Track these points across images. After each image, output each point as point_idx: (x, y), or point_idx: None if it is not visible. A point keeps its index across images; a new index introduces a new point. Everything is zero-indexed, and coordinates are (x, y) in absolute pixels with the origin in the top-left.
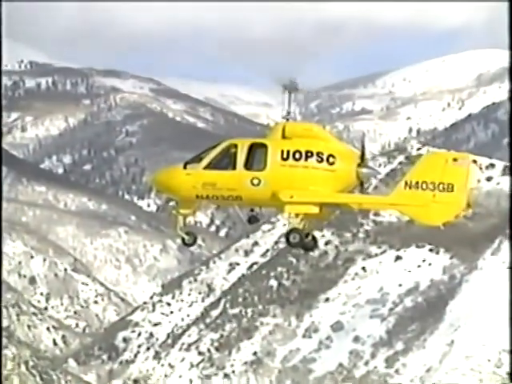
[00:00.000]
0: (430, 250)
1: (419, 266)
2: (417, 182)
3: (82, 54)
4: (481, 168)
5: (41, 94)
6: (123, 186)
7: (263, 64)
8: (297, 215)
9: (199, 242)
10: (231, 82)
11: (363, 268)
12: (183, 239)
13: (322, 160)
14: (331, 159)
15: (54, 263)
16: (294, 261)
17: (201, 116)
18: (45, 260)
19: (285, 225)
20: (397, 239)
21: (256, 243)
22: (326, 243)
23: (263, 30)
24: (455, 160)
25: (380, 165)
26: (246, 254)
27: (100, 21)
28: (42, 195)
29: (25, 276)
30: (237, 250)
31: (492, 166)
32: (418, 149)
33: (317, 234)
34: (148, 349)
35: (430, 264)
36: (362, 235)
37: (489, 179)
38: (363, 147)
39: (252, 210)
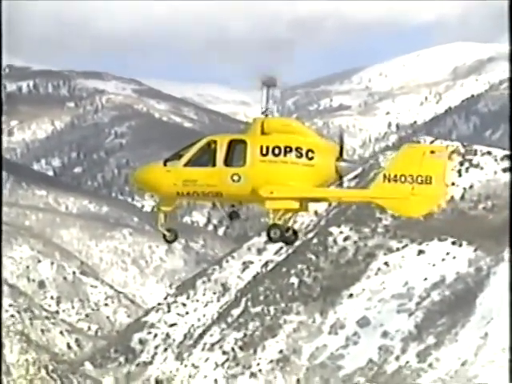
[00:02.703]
0: (453, 243)
1: (443, 260)
2: (395, 175)
3: (57, 56)
4: (496, 160)
5: (23, 98)
6: (116, 187)
7: (239, 62)
8: (277, 210)
9: (201, 241)
10: (207, 81)
11: (386, 263)
12: (164, 236)
13: (301, 155)
14: (310, 154)
15: (61, 267)
16: (314, 257)
17: (186, 115)
18: (52, 264)
19: (296, 222)
20: (417, 233)
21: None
22: (345, 239)
23: (238, 29)
24: (433, 152)
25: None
26: (259, 252)
27: (72, 23)
28: (43, 199)
29: (34, 280)
30: (249, 249)
31: (507, 157)
32: (432, 142)
33: (335, 229)
34: (165, 350)
35: (454, 257)
36: (381, 230)
37: (505, 170)
38: (342, 141)
39: (233, 206)
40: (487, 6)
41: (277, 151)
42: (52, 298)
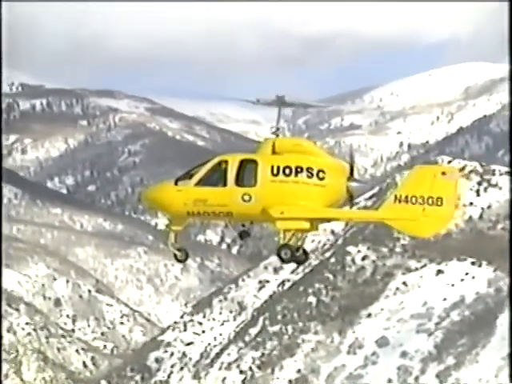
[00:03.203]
0: (472, 263)
1: (462, 280)
2: (406, 196)
3: (68, 75)
4: None
5: (37, 116)
6: (129, 205)
7: (251, 81)
8: (288, 230)
9: (216, 260)
10: (219, 100)
11: (404, 283)
12: (175, 255)
13: (312, 175)
14: (321, 174)
15: (77, 285)
16: (331, 277)
17: (198, 134)
18: (68, 282)
19: (313, 241)
20: (436, 253)
21: None
22: (363, 258)
23: (250, 48)
24: (444, 173)
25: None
26: (276, 271)
27: (84, 40)
28: (58, 217)
29: (49, 298)
30: (266, 268)
31: None
32: (449, 161)
33: (352, 249)
34: (182, 369)
35: (473, 277)
36: (399, 249)
37: None
38: (352, 161)
39: (243, 225)
40: (499, 25)
41: (288, 171)
42: (68, 316)
